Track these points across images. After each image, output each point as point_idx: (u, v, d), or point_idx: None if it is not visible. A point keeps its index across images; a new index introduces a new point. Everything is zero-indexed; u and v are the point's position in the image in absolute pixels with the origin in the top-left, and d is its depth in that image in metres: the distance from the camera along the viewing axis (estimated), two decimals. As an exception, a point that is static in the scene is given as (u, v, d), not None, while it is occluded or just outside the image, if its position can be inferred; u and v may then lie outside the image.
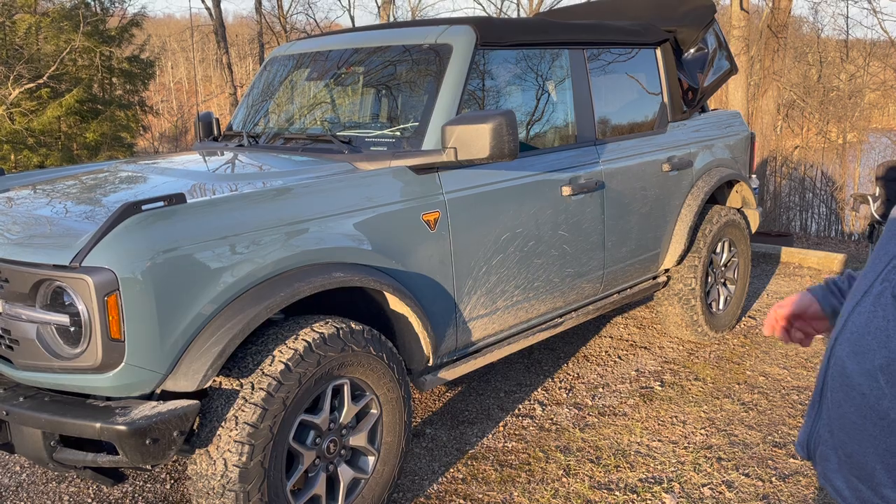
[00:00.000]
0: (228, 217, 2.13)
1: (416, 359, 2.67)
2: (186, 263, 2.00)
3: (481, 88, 2.95)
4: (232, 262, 2.09)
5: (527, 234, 2.98)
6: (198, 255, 2.02)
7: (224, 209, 2.14)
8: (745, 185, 4.27)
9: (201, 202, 2.12)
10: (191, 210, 2.06)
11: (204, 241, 2.04)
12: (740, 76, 10.67)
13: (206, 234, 2.05)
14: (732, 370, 3.74)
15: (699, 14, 3.99)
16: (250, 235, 2.14)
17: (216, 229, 2.08)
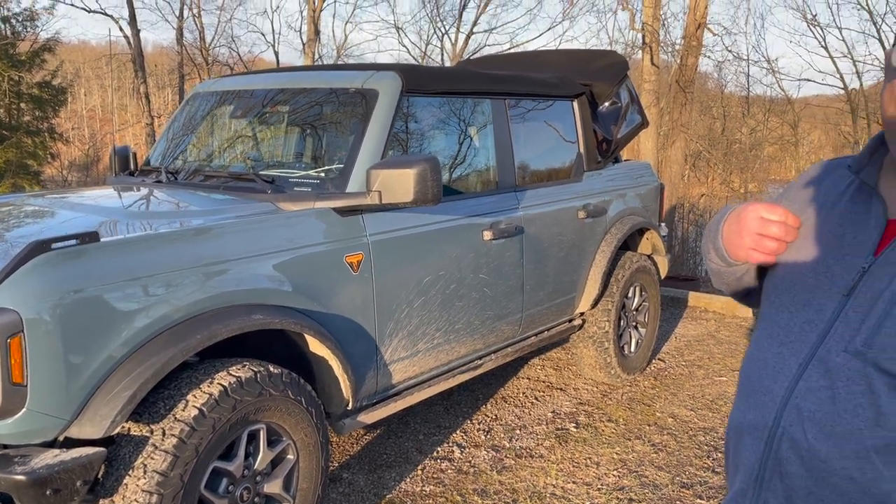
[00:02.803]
0: (143, 257, 2.07)
1: (336, 402, 2.64)
2: (97, 305, 1.93)
3: (406, 133, 3.01)
4: (146, 303, 2.03)
5: (449, 277, 3.02)
6: (110, 296, 1.96)
7: (139, 249, 2.09)
8: (654, 232, 4.47)
9: (115, 241, 2.06)
10: (104, 249, 2.00)
11: (117, 281, 1.98)
12: (651, 127, 11.22)
13: (119, 274, 1.99)
14: (643, 412, 3.86)
15: (613, 70, 4.21)
16: (166, 276, 2.09)
17: (130, 270, 2.02)
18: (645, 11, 11.28)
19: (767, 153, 23.32)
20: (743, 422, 1.12)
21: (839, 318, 1.01)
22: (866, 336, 0.97)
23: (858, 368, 0.97)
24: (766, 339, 1.12)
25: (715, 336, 5.28)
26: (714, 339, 5.19)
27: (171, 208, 2.71)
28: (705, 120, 21.77)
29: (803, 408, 1.01)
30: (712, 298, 6.08)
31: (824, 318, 1.03)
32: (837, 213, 1.11)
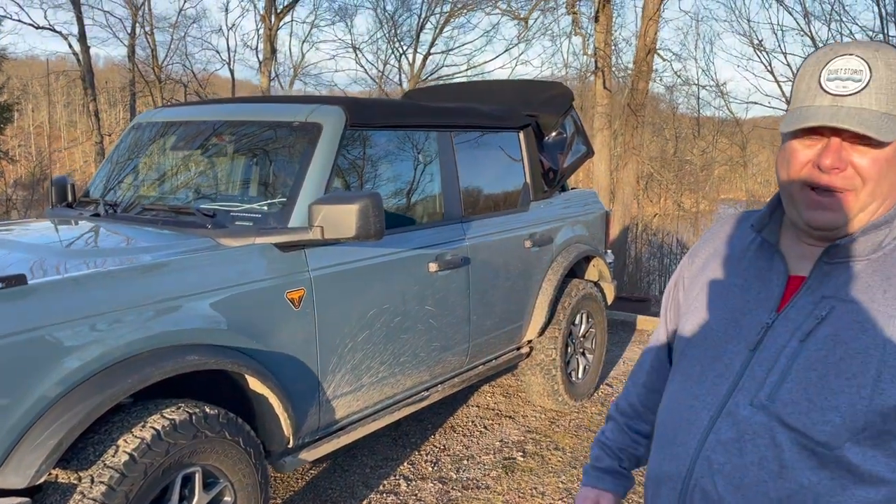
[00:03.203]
0: (74, 299, 2.03)
1: (276, 440, 2.61)
2: (24, 349, 1.88)
3: (350, 167, 3.01)
4: (76, 347, 1.98)
5: (393, 309, 3.02)
6: (37, 339, 1.91)
7: (70, 290, 2.04)
8: (600, 259, 4.55)
9: (45, 283, 2.02)
10: (32, 292, 1.95)
11: (45, 325, 1.93)
12: (604, 149, 11.45)
13: (48, 317, 1.94)
14: (590, 438, 3.90)
15: (559, 101, 4.29)
16: (97, 318, 2.04)
17: (60, 312, 1.97)
18: (597, 37, 11.52)
19: (718, 173, 23.95)
20: (660, 472, 1.15)
21: (746, 372, 1.05)
22: (770, 391, 1.01)
23: (763, 422, 1.00)
24: (681, 391, 1.15)
25: (662, 360, 5.36)
26: (661, 363, 5.27)
27: (106, 245, 2.65)
28: (658, 141, 22.28)
29: (713, 460, 1.04)
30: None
31: (733, 372, 1.07)
32: (743, 268, 1.15)
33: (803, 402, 0.98)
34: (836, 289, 1.02)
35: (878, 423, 0.93)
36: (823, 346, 0.99)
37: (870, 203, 1.00)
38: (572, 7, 11.57)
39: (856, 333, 0.97)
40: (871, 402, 0.93)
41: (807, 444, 0.97)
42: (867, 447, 0.94)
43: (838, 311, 1.00)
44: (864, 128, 0.95)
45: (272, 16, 16.97)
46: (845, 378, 0.96)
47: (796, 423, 0.97)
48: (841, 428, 0.95)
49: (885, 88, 0.97)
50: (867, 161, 0.98)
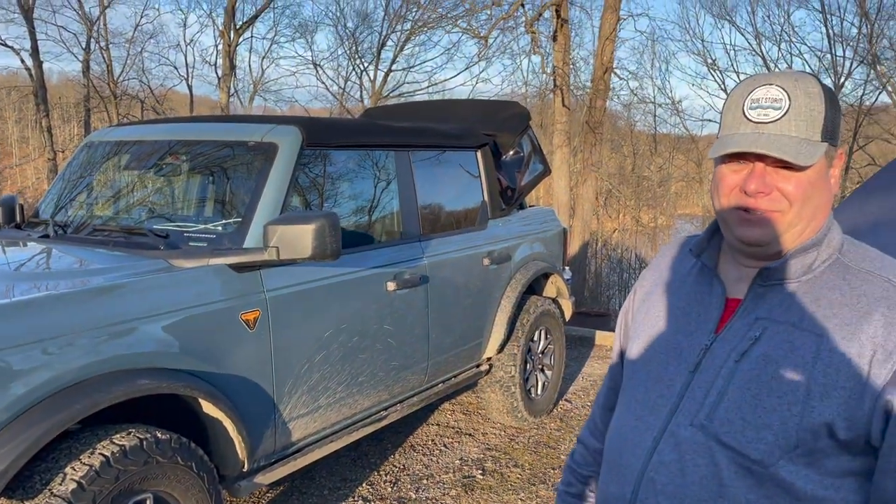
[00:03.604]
0: (22, 323, 1.98)
1: (231, 464, 2.57)
2: (-35, 377, 1.83)
3: (308, 187, 3.01)
4: (24, 371, 1.94)
5: (351, 329, 3.01)
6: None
7: (18, 314, 2.00)
8: (558, 276, 4.60)
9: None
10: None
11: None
12: (563, 166, 11.59)
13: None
14: (549, 455, 3.93)
15: (516, 120, 4.35)
16: (47, 343, 2.00)
17: (7, 337, 1.93)
18: (555, 56, 11.69)
19: (674, 189, 24.45)
20: (607, 494, 1.17)
21: (686, 393, 1.08)
22: (708, 411, 1.04)
23: (703, 442, 1.03)
24: (626, 413, 1.18)
25: (620, 375, 5.43)
26: (619, 378, 5.34)
27: (56, 267, 2.60)
28: (616, 158, 22.67)
29: (657, 480, 1.06)
30: (618, 337, 6.26)
31: (674, 393, 1.09)
32: (685, 292, 1.19)
33: (738, 421, 1.01)
34: (769, 310, 1.05)
35: (810, 440, 0.96)
36: (756, 366, 1.02)
37: (797, 223, 1.04)
38: (531, 27, 11.74)
39: (786, 353, 1.00)
40: (801, 419, 0.96)
41: (743, 463, 0.99)
42: (801, 465, 0.97)
43: (770, 331, 1.03)
44: (782, 153, 1.00)
45: (231, 31, 16.87)
46: (777, 396, 0.99)
47: (732, 441, 1.00)
48: (774, 446, 0.97)
49: (804, 115, 1.02)
50: (792, 184, 1.02)
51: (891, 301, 0.99)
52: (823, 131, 1.02)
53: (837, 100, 1.06)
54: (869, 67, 14.66)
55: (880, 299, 0.99)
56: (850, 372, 0.95)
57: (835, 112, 1.04)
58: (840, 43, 15.52)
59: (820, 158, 1.01)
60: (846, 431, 0.95)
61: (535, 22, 11.86)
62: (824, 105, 1.02)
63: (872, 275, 1.03)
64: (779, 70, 10.08)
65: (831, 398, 0.95)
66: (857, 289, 1.01)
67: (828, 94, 1.04)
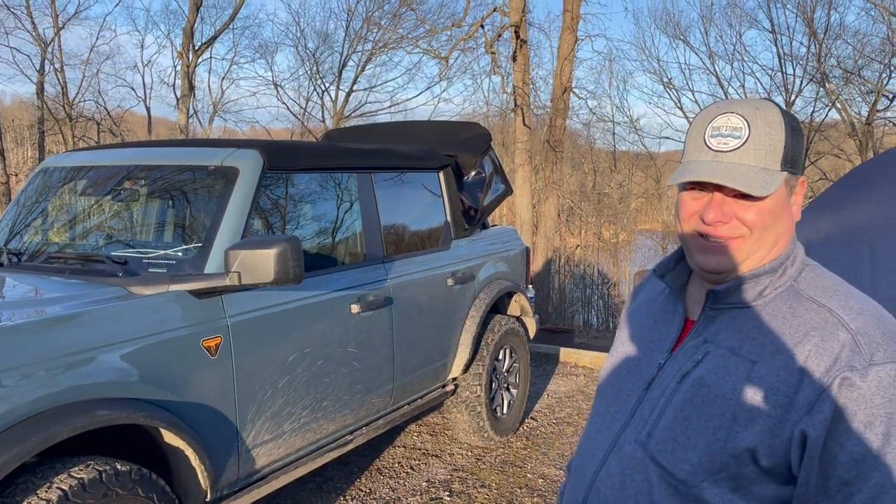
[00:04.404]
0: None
1: (193, 494, 2.52)
2: (-86, 413, 1.77)
3: (269, 211, 2.99)
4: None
5: (315, 353, 2.99)
6: (-70, 402, 1.80)
7: (-32, 347, 1.94)
8: (522, 295, 4.64)
9: (-61, 341, 1.91)
10: (-76, 351, 1.85)
11: (-61, 386, 1.83)
12: (525, 184, 11.72)
13: (-58, 377, 1.84)
14: (515, 474, 3.94)
15: (476, 142, 4.40)
16: (3, 374, 1.95)
17: (-44, 371, 1.87)
18: (515, 76, 11.85)
19: (635, 206, 24.84)
20: (567, 498, 1.21)
21: (638, 410, 1.11)
22: (649, 429, 1.07)
23: (641, 458, 1.06)
24: (591, 425, 1.22)
25: (584, 391, 5.48)
26: (583, 395, 5.39)
27: (10, 296, 2.54)
28: (577, 175, 22.97)
29: (601, 491, 1.10)
30: (582, 354, 6.33)
31: (628, 409, 1.13)
32: (654, 311, 1.22)
33: (669, 441, 1.03)
34: (716, 333, 1.07)
35: (733, 465, 0.98)
36: (691, 389, 1.04)
37: (757, 250, 1.05)
38: (490, 47, 11.90)
39: (718, 377, 1.02)
40: (725, 444, 0.98)
41: (670, 482, 1.02)
42: (726, 489, 0.98)
43: (711, 355, 1.05)
44: (737, 183, 1.01)
45: (190, 52, 16.73)
46: (704, 420, 1.01)
47: (662, 460, 1.04)
48: (698, 467, 1.00)
49: (763, 144, 1.02)
50: (751, 213, 1.03)
51: (825, 332, 0.98)
52: (783, 160, 1.02)
53: (800, 128, 1.06)
54: (818, 85, 15.16)
55: (815, 329, 0.99)
56: (776, 400, 0.96)
57: (796, 140, 1.04)
58: (790, 62, 16.03)
59: (779, 187, 1.02)
60: (768, 459, 0.96)
61: (494, 42, 12.02)
62: (784, 134, 1.03)
63: (817, 303, 1.02)
64: (732, 89, 10.16)
65: (755, 425, 0.96)
66: (800, 317, 1.01)
67: (789, 123, 1.04)
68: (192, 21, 16.12)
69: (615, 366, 1.22)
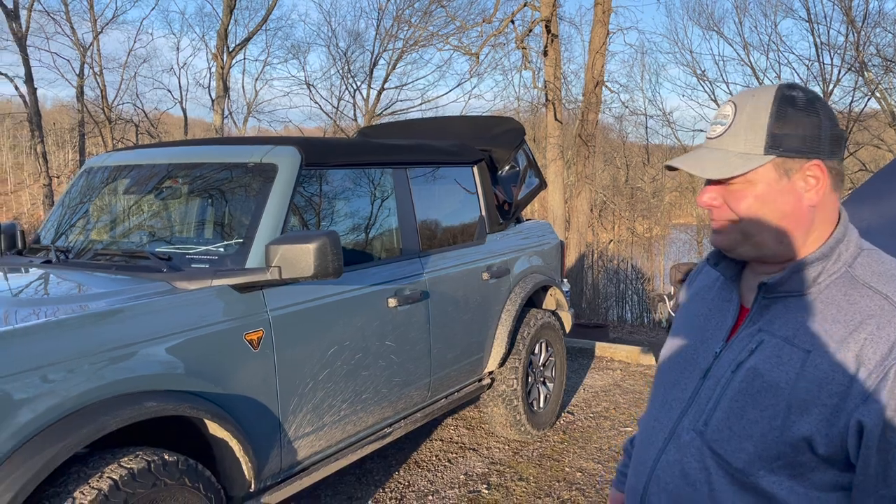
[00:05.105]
0: (27, 348, 2.00)
1: (238, 485, 2.57)
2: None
3: (307, 206, 3.03)
4: (30, 398, 1.94)
5: (354, 346, 3.03)
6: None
7: (23, 340, 2.01)
8: (557, 289, 4.62)
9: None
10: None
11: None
12: (557, 179, 11.66)
13: (1, 368, 1.91)
14: (553, 467, 3.93)
15: (510, 136, 4.39)
16: (52, 368, 2.01)
17: (12, 363, 1.94)
18: (546, 70, 11.79)
19: (668, 199, 24.54)
20: (629, 485, 1.23)
21: (695, 399, 1.11)
22: (706, 418, 1.08)
23: (698, 447, 1.07)
24: (649, 413, 1.24)
25: (620, 385, 5.45)
26: (620, 389, 5.36)
27: (59, 292, 2.62)
28: (609, 170, 22.78)
29: (661, 478, 1.12)
30: (617, 348, 6.28)
31: (685, 397, 1.13)
32: (710, 298, 1.22)
33: (725, 431, 1.04)
34: (770, 322, 1.07)
35: (790, 453, 0.98)
36: (745, 378, 1.04)
37: (756, 234, 1.06)
38: (521, 42, 11.85)
39: (773, 367, 1.02)
40: (781, 433, 0.98)
41: (728, 470, 1.03)
42: (784, 477, 0.99)
43: (765, 344, 1.05)
44: (692, 168, 1.07)
45: (224, 54, 16.97)
46: (759, 410, 1.01)
47: (719, 449, 1.04)
48: (754, 456, 1.00)
49: (743, 129, 1.03)
50: (733, 198, 1.06)
51: (881, 319, 0.96)
52: (768, 143, 1.02)
53: (809, 108, 1.02)
54: (857, 74, 14.81)
55: (871, 316, 0.97)
56: (831, 389, 0.96)
57: (790, 122, 1.02)
58: (828, 51, 15.69)
59: (753, 170, 1.02)
60: (825, 447, 0.96)
61: (525, 38, 11.98)
62: (769, 116, 1.02)
63: (872, 290, 1.00)
64: (768, 80, 10.21)
65: (811, 414, 0.96)
66: (855, 304, 1.00)
67: (784, 104, 1.02)
68: (226, 23, 16.35)
69: (672, 354, 1.22)
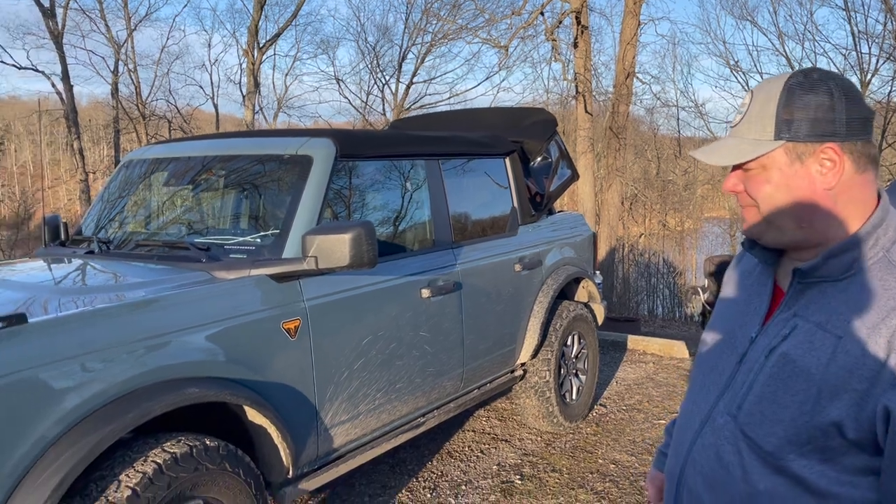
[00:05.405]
0: (73, 336, 2.05)
1: (276, 471, 2.61)
2: (25, 388, 1.89)
3: (342, 197, 3.06)
4: (76, 384, 2.00)
5: (388, 336, 3.05)
6: (38, 378, 1.92)
7: (69, 327, 2.06)
8: (590, 281, 4.60)
9: (44, 322, 2.04)
10: (32, 330, 1.97)
11: (45, 363, 1.95)
12: (587, 172, 11.57)
13: (48, 355, 1.96)
14: (586, 459, 3.92)
15: (543, 127, 4.38)
16: (97, 354, 2.06)
17: (60, 350, 1.99)
18: (577, 62, 11.71)
19: (701, 192, 24.19)
20: (668, 468, 1.25)
21: (731, 383, 1.12)
22: (739, 402, 1.09)
23: (732, 430, 1.08)
24: (688, 397, 1.25)
25: (653, 379, 5.41)
26: (653, 382, 5.32)
27: (102, 281, 2.68)
28: (640, 162, 22.53)
29: (697, 461, 1.13)
30: (650, 341, 6.23)
31: (722, 381, 1.14)
32: (749, 283, 1.22)
33: (757, 415, 1.05)
34: (805, 307, 1.06)
35: (820, 438, 0.98)
36: (777, 363, 1.05)
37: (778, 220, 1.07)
38: (551, 34, 11.78)
39: (804, 352, 1.02)
40: (811, 418, 0.98)
41: (760, 453, 1.04)
42: (815, 461, 0.99)
43: (799, 329, 1.04)
44: (703, 155, 1.10)
45: (255, 50, 17.13)
46: (790, 395, 1.01)
47: (751, 433, 1.05)
48: (784, 440, 1.01)
49: (755, 117, 1.06)
50: (750, 183, 1.09)
51: None
52: (777, 128, 1.03)
53: (819, 92, 1.02)
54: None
55: None
56: (861, 374, 0.95)
57: (800, 107, 1.02)
58: (865, 40, 15.31)
59: (763, 155, 1.04)
60: (855, 432, 0.95)
61: (555, 29, 11.89)
62: (777, 101, 1.03)
63: None
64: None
65: (841, 399, 0.96)
66: (889, 290, 0.98)
67: (793, 90, 1.02)
68: (257, 19, 16.49)
69: (712, 338, 1.23)
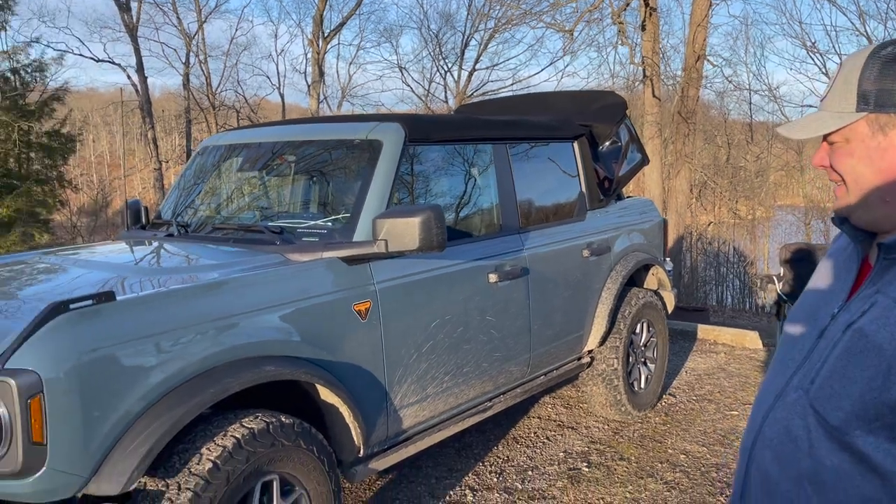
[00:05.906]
0: (157, 314, 2.13)
1: (347, 450, 2.66)
2: (113, 363, 1.98)
3: (411, 181, 3.08)
4: (160, 360, 2.08)
5: (456, 320, 3.06)
6: (125, 353, 2.01)
7: (153, 306, 2.14)
8: (659, 268, 4.51)
9: (130, 300, 2.12)
10: (119, 308, 2.06)
11: (132, 339, 2.03)
12: (655, 158, 11.31)
13: (134, 332, 2.04)
14: (655, 449, 3.86)
15: (612, 110, 4.29)
16: (179, 332, 2.14)
17: (144, 327, 2.07)
18: (644, 45, 11.43)
19: (773, 179, 23.35)
20: (741, 445, 1.24)
21: (808, 358, 1.10)
22: (813, 376, 1.07)
23: (803, 404, 1.07)
24: (770, 369, 1.24)
25: (725, 369, 5.27)
26: (724, 373, 5.18)
27: (182, 263, 2.77)
28: (710, 148, 21.89)
29: (767, 434, 1.12)
30: (721, 331, 6.07)
31: (801, 357, 1.12)
32: (840, 262, 1.20)
33: (827, 388, 1.03)
34: (888, 284, 1.03)
35: (889, 415, 0.94)
36: (851, 338, 1.02)
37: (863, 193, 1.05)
38: (618, 17, 11.53)
39: (878, 328, 0.98)
40: (880, 394, 0.95)
41: (826, 428, 1.01)
42: (882, 439, 0.95)
43: (877, 305, 1.02)
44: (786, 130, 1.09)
45: (320, 40, 17.37)
46: (861, 369, 0.98)
47: (819, 407, 1.03)
48: (851, 415, 0.98)
49: (839, 90, 1.05)
50: (834, 157, 1.08)
51: None
52: (859, 100, 1.03)
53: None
54: None
55: None
56: None
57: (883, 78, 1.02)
58: (955, 17, 14.43)
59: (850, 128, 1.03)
60: None
61: (621, 12, 11.64)
62: (861, 72, 1.02)
63: None
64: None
65: None
66: None
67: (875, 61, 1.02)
68: (322, 9, 16.71)
69: (797, 313, 1.21)
